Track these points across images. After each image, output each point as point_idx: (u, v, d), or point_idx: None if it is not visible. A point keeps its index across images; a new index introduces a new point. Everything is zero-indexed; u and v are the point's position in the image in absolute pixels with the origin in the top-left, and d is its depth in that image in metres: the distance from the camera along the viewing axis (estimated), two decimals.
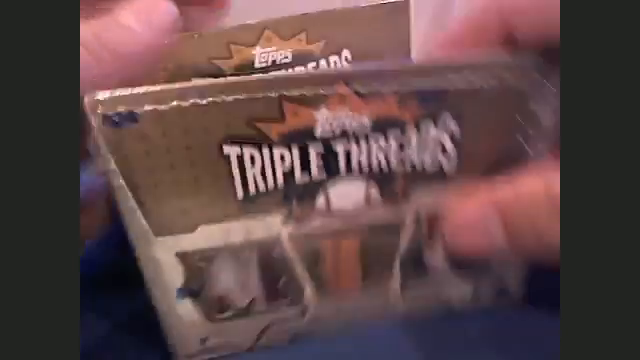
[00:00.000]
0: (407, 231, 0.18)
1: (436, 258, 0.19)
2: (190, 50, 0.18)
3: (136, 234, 0.16)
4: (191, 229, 0.16)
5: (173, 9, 0.16)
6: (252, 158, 0.15)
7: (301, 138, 0.15)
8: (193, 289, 0.17)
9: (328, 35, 0.19)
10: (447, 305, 0.20)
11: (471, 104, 0.16)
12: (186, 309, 0.17)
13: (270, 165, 0.15)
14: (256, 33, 0.20)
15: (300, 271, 0.18)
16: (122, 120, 0.14)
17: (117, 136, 0.14)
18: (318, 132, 0.15)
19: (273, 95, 0.15)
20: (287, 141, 0.15)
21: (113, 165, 0.14)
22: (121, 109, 0.14)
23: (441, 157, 0.16)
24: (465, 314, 0.20)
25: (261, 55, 0.19)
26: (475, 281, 0.20)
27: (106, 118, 0.14)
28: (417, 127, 0.16)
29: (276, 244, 0.17)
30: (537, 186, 0.15)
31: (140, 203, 0.15)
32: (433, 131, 0.16)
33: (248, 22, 0.20)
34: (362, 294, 0.19)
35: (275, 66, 0.20)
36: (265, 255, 0.17)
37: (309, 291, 0.18)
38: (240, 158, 0.15)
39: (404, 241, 0.18)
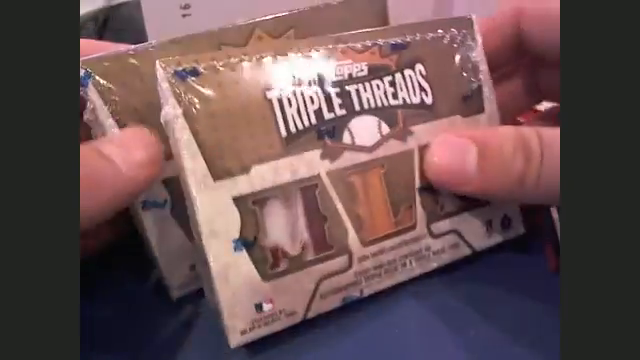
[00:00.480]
0: (416, 162, 0.21)
1: (444, 191, 0.22)
2: (181, 52, 0.19)
3: (196, 180, 0.17)
4: (246, 170, 0.18)
5: (156, 143, 0.18)
6: (289, 100, 0.19)
7: (322, 83, 0.20)
8: (248, 239, 0.18)
9: (316, 32, 0.21)
10: (469, 246, 0.22)
11: (430, 52, 0.22)
12: (243, 262, 0.18)
13: (304, 105, 0.19)
14: (246, 33, 0.21)
15: (340, 210, 0.20)
16: (188, 74, 0.17)
17: (184, 86, 0.17)
18: (332, 77, 0.20)
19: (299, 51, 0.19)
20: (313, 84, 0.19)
21: (179, 111, 0.17)
22: (186, 65, 0.18)
23: (421, 93, 0.21)
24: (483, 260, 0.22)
25: None
26: (484, 213, 0.23)
27: (176, 72, 0.17)
28: (400, 72, 0.21)
29: (317, 181, 0.19)
30: (509, 129, 0.20)
31: (201, 147, 0.17)
32: (411, 73, 0.21)
33: (238, 22, 0.21)
34: (396, 236, 0.21)
35: None
36: (309, 195, 0.19)
37: (351, 234, 0.20)
38: (280, 101, 0.19)
39: (417, 172, 0.21)
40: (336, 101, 0.20)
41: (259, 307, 0.19)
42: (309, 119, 0.19)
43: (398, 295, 0.21)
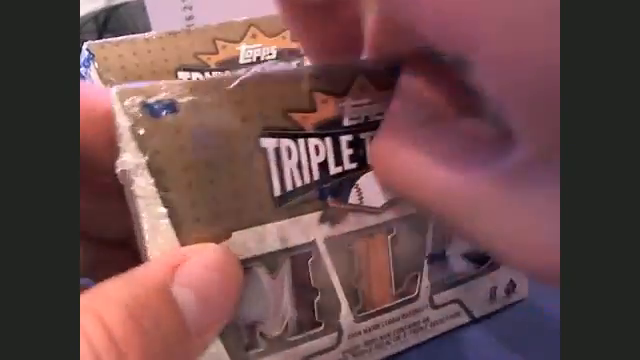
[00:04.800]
0: (430, 226, 0.18)
1: (456, 256, 0.19)
2: (176, 45, 0.18)
3: (159, 248, 0.13)
4: (224, 236, 0.14)
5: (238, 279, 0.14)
6: (289, 150, 0.15)
7: (332, 127, 0.15)
8: None
9: None
10: (469, 314, 0.20)
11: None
12: (211, 344, 0.15)
13: (306, 156, 0.15)
14: (241, 30, 0.21)
15: (335, 282, 0.16)
16: (162, 109, 0.13)
17: (153, 127, 0.13)
18: (345, 121, 0.16)
19: (303, 86, 0.15)
20: (320, 131, 0.15)
21: (143, 160, 0.13)
22: (161, 97, 0.13)
23: None
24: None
25: (246, 51, 0.20)
26: (490, 280, 0.20)
27: (146, 106, 0.13)
28: None
29: (311, 249, 0.16)
30: None
31: (170, 208, 0.13)
32: None
33: (234, 19, 0.20)
34: (395, 309, 0.18)
35: (259, 62, 0.20)
36: (300, 265, 0.16)
37: (345, 309, 0.17)
38: (277, 151, 0.15)
39: (429, 238, 0.18)
40: (346, 152, 0.16)
41: None
42: (311, 175, 0.15)
43: None
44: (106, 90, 0.14)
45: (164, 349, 0.12)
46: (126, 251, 0.17)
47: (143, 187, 0.13)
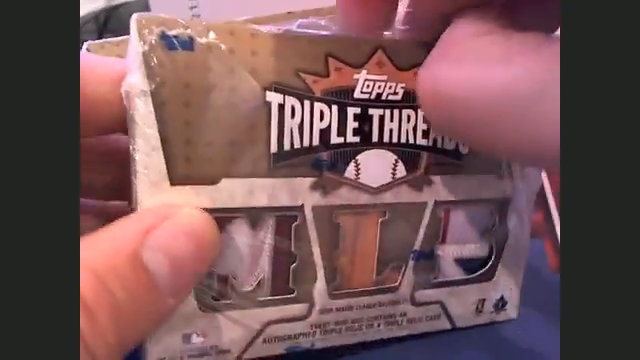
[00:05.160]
0: (425, 219, 0.17)
1: (447, 259, 0.19)
2: None
3: (148, 179, 0.14)
4: (214, 181, 0.14)
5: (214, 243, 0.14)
6: (293, 109, 0.15)
7: (341, 96, 0.15)
8: None
9: None
10: (451, 320, 0.19)
11: None
12: None
13: (309, 119, 0.15)
14: None
15: (315, 253, 0.16)
16: (179, 43, 0.13)
17: (165, 58, 0.13)
18: (357, 93, 0.15)
19: (320, 49, 0.15)
20: (329, 97, 0.15)
21: (148, 88, 0.13)
22: (181, 32, 0.13)
23: None
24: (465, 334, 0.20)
25: None
26: (480, 290, 0.19)
27: (164, 37, 0.13)
28: None
29: (298, 214, 0.16)
30: None
31: (164, 140, 0.14)
32: None
33: (234, 20, 0.20)
34: (372, 295, 0.17)
35: None
36: (283, 227, 0.16)
37: (320, 282, 0.17)
38: (281, 107, 0.15)
39: (422, 231, 0.18)
40: (351, 124, 0.16)
41: (187, 338, 0.16)
42: (311, 139, 0.15)
43: None
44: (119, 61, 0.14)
45: (134, 309, 0.12)
46: None
47: (143, 114, 0.13)
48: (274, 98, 0.14)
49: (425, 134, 0.17)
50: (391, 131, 0.16)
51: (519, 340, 0.20)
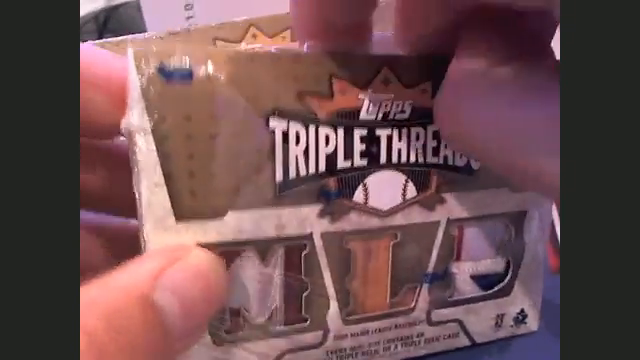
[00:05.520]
0: (439, 238, 0.17)
1: (462, 276, 0.18)
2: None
3: (153, 218, 0.13)
4: (220, 214, 0.14)
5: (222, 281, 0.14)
6: (297, 135, 0.14)
7: (347, 119, 0.15)
8: None
9: None
10: (470, 337, 0.19)
11: None
12: None
13: (314, 145, 0.14)
14: (242, 30, 0.20)
15: (327, 280, 0.16)
16: (178, 75, 0.13)
17: (164, 91, 0.13)
18: (363, 114, 0.15)
19: (323, 70, 0.14)
20: (334, 120, 0.15)
21: (148, 125, 0.13)
22: (180, 63, 0.13)
23: None
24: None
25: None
26: (498, 306, 0.19)
27: (161, 70, 0.13)
28: None
29: (307, 243, 0.15)
30: None
31: (168, 176, 0.13)
32: None
33: (234, 19, 0.20)
34: (387, 318, 0.17)
35: None
36: (293, 256, 0.15)
37: (333, 309, 0.16)
38: (285, 134, 0.14)
39: (435, 251, 0.17)
40: (358, 147, 0.15)
41: None
42: (317, 165, 0.15)
43: None
44: (120, 57, 0.14)
45: (145, 355, 0.12)
46: None
47: (145, 151, 0.13)
48: (277, 125, 0.14)
49: (435, 151, 0.16)
50: (400, 151, 0.16)
51: (519, 340, 0.19)
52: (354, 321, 0.17)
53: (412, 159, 0.16)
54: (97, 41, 0.21)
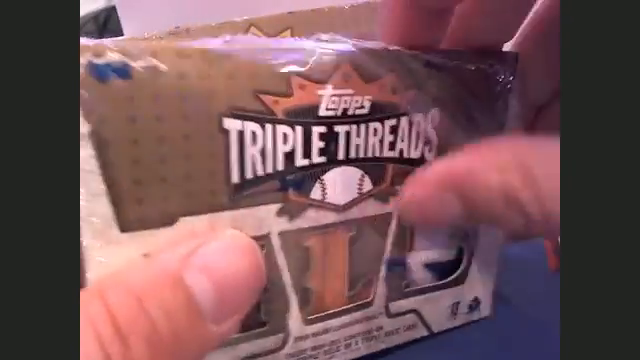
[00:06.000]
0: (392, 229, 0.17)
1: (416, 266, 0.18)
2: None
3: (94, 229, 0.12)
4: (170, 221, 0.13)
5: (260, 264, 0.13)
6: (254, 135, 0.13)
7: (305, 116, 0.14)
8: None
9: (313, 33, 0.19)
10: (427, 327, 0.19)
11: (453, 95, 0.16)
12: None
13: (272, 144, 0.14)
14: (242, 30, 0.20)
15: (286, 281, 0.15)
16: (111, 72, 0.11)
17: (100, 92, 0.11)
18: (321, 111, 0.14)
19: (280, 67, 0.13)
20: (292, 118, 0.14)
21: (86, 128, 0.11)
22: (113, 58, 0.11)
23: (425, 147, 0.16)
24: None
25: None
26: (454, 294, 0.19)
27: (93, 67, 0.11)
28: (408, 115, 0.16)
29: (264, 242, 0.14)
30: (505, 154, 0.13)
31: (110, 184, 0.12)
32: (421, 120, 0.16)
33: (234, 19, 0.19)
34: (347, 314, 0.17)
35: None
36: None
37: (294, 310, 0.16)
38: (241, 134, 0.13)
39: (389, 241, 0.17)
40: (316, 144, 0.14)
41: None
42: (274, 164, 0.14)
43: None
44: None
45: (172, 337, 0.11)
46: None
47: (83, 159, 0.12)
48: (232, 125, 0.13)
49: (391, 146, 0.16)
50: (357, 147, 0.15)
51: (519, 340, 0.20)
52: (314, 320, 0.16)
53: (369, 154, 0.15)
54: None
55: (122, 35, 0.22)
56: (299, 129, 0.14)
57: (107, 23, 0.47)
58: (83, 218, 0.12)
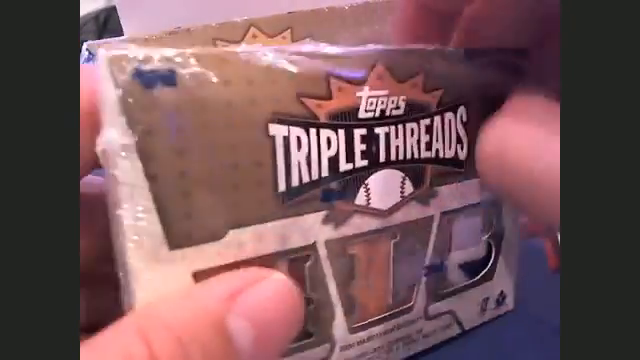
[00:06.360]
0: (434, 232, 0.17)
1: (453, 267, 0.18)
2: (177, 44, 0.16)
3: (142, 249, 0.11)
4: (219, 235, 0.12)
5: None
6: (299, 140, 0.13)
7: (346, 119, 0.14)
8: None
9: (313, 33, 0.18)
10: (460, 326, 0.19)
11: (478, 91, 0.16)
12: None
13: (317, 149, 0.13)
14: (242, 30, 0.20)
15: (332, 290, 0.15)
16: (157, 79, 0.11)
17: (145, 100, 0.11)
18: (361, 113, 0.14)
19: (320, 69, 0.13)
20: (334, 122, 0.13)
21: (131, 140, 0.11)
22: (158, 66, 0.11)
23: (457, 146, 0.16)
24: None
25: None
26: (483, 291, 0.19)
27: (138, 74, 0.10)
28: (441, 114, 0.16)
29: (311, 252, 0.14)
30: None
31: (157, 199, 0.11)
32: (452, 118, 0.16)
33: (234, 19, 0.19)
34: (389, 320, 0.17)
35: None
36: (297, 269, 0.14)
37: (339, 319, 0.15)
38: (286, 140, 0.13)
39: (431, 245, 0.17)
40: (359, 147, 0.14)
41: None
42: (320, 170, 0.14)
43: None
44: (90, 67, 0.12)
45: None
46: None
47: (128, 173, 0.11)
48: (278, 131, 0.13)
49: (428, 146, 0.16)
50: (397, 148, 0.15)
51: (519, 340, 0.20)
52: (359, 328, 0.16)
53: (408, 155, 0.15)
54: (97, 41, 0.19)
55: (122, 35, 0.21)
56: (342, 132, 0.14)
57: (107, 23, 0.47)
58: (129, 238, 0.11)
